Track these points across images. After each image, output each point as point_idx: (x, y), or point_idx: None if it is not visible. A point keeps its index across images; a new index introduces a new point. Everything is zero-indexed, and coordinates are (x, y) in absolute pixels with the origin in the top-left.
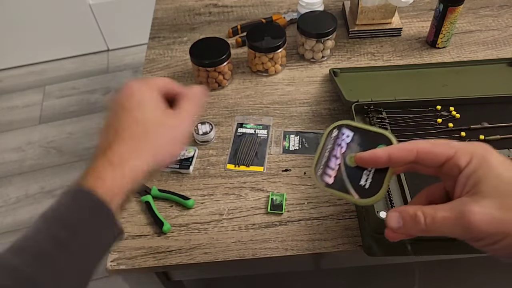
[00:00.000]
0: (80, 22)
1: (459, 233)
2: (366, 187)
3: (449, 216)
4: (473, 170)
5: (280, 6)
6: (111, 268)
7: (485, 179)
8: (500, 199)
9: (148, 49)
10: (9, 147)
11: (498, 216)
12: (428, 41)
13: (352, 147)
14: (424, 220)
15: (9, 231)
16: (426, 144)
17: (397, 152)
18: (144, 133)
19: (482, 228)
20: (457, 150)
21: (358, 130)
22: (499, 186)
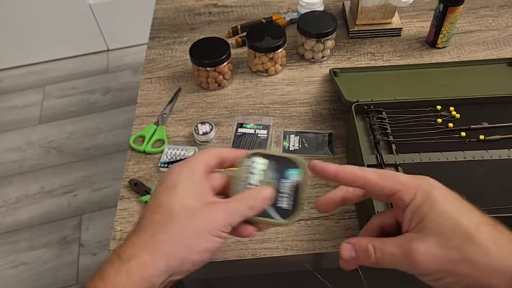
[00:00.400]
0: (80, 22)
1: (407, 268)
2: (285, 208)
3: (396, 252)
4: (417, 206)
5: (280, 6)
6: None
7: (429, 216)
8: (443, 238)
9: (148, 49)
10: (9, 147)
11: (441, 255)
12: (428, 41)
13: (267, 174)
14: (374, 254)
15: (9, 231)
16: (374, 176)
17: (344, 173)
18: (166, 222)
19: (426, 266)
20: (403, 185)
21: (270, 157)
22: (443, 224)
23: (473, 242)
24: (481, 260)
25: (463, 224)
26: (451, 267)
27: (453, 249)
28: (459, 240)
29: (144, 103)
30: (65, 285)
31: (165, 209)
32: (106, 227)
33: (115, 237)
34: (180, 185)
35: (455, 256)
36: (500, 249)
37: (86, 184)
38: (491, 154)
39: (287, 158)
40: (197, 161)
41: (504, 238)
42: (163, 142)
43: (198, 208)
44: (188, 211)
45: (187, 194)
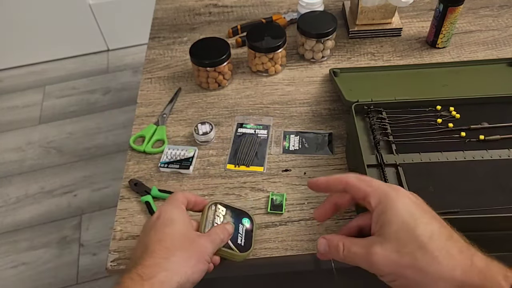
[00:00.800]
0: (80, 22)
1: (366, 268)
2: (242, 244)
3: (359, 252)
4: (380, 212)
5: (280, 6)
6: (111, 268)
7: (389, 223)
8: (399, 244)
9: (148, 49)
10: (9, 147)
11: (394, 259)
12: (428, 41)
13: (227, 218)
14: (342, 251)
15: (9, 231)
16: (353, 178)
17: (332, 179)
18: (175, 248)
19: (381, 268)
20: (372, 190)
21: (227, 206)
22: (400, 231)
23: (424, 251)
24: (430, 267)
25: (418, 233)
26: (402, 271)
27: (406, 255)
28: (412, 247)
29: (144, 103)
30: (65, 285)
31: (172, 237)
32: (106, 227)
33: (115, 237)
34: (177, 220)
35: (406, 262)
36: (450, 258)
37: (86, 184)
38: (491, 154)
39: (240, 209)
40: (179, 202)
41: (456, 248)
42: (163, 142)
43: (193, 238)
44: (189, 240)
45: (184, 227)
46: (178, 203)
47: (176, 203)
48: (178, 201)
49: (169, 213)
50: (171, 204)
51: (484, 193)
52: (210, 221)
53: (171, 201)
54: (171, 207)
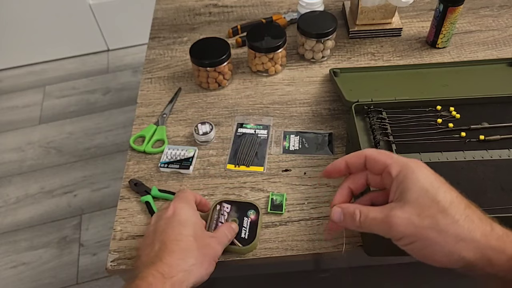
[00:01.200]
0: (80, 22)
1: (384, 232)
2: (245, 238)
3: (378, 216)
4: (401, 180)
5: (280, 6)
6: (111, 268)
7: (409, 189)
8: (419, 208)
9: (148, 49)
10: (9, 147)
11: (415, 221)
12: (428, 41)
13: (232, 215)
14: (358, 218)
15: (9, 231)
16: (372, 151)
17: (351, 157)
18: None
19: (401, 229)
20: (393, 161)
21: (233, 202)
22: (421, 197)
23: (445, 214)
24: (451, 229)
25: (439, 199)
26: (422, 232)
27: (427, 217)
28: (433, 211)
29: (144, 103)
30: (65, 285)
31: (189, 239)
32: (106, 227)
33: (115, 237)
34: (192, 222)
35: (427, 223)
36: (470, 223)
37: (86, 184)
38: (491, 154)
39: (246, 202)
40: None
41: (476, 215)
42: (163, 142)
43: (207, 242)
44: (203, 244)
45: (198, 229)
46: (192, 202)
47: (191, 202)
48: (192, 201)
49: (185, 213)
50: (186, 203)
51: (484, 193)
52: (215, 221)
53: (185, 199)
54: (187, 207)
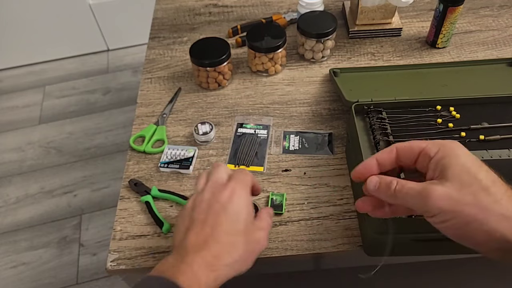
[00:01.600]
0: (80, 22)
1: (419, 205)
2: None
3: (415, 188)
4: (441, 157)
5: (280, 6)
6: (111, 268)
7: (451, 166)
8: (461, 184)
9: (148, 49)
10: (9, 147)
11: (455, 196)
12: (428, 41)
13: None
14: (394, 186)
15: (9, 231)
16: (403, 142)
17: (381, 154)
18: (238, 246)
19: (438, 203)
20: (428, 143)
21: None
22: (461, 174)
23: (488, 192)
24: (493, 207)
25: (480, 177)
26: (462, 208)
27: (468, 194)
28: (474, 188)
29: (144, 103)
30: (65, 285)
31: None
32: (106, 227)
33: (115, 237)
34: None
35: (469, 200)
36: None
37: (86, 184)
38: (491, 154)
39: None
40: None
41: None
42: (163, 142)
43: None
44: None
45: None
46: (249, 188)
47: (248, 188)
48: (249, 187)
49: (241, 202)
50: (245, 189)
51: None
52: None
53: (244, 184)
54: (244, 195)
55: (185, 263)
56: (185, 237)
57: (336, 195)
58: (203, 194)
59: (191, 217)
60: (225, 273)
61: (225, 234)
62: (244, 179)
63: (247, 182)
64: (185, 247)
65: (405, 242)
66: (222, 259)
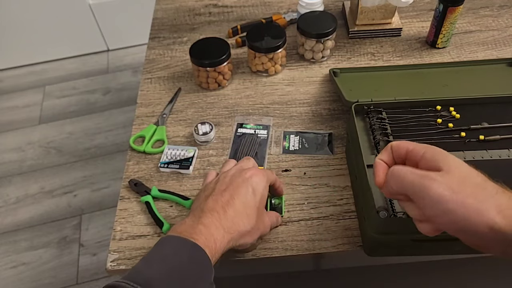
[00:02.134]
0: (80, 22)
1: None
2: None
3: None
4: (432, 154)
5: (280, 6)
6: (111, 268)
7: (445, 160)
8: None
9: (148, 49)
10: (9, 147)
11: (455, 188)
12: (428, 41)
13: None
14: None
15: (9, 231)
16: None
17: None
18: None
19: (440, 192)
20: (415, 145)
21: None
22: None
23: (483, 187)
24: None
25: (474, 175)
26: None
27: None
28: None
29: (144, 103)
30: (65, 285)
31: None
32: (106, 227)
33: (115, 237)
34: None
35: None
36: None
37: (86, 184)
38: (491, 154)
39: None
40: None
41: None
42: (163, 142)
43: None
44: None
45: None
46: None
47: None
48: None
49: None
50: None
51: None
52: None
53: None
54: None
55: (202, 224)
56: (204, 202)
57: (336, 195)
58: (228, 172)
59: (213, 188)
60: (237, 239)
61: (242, 204)
62: (267, 172)
63: (269, 176)
64: (202, 209)
65: (405, 242)
66: (236, 225)
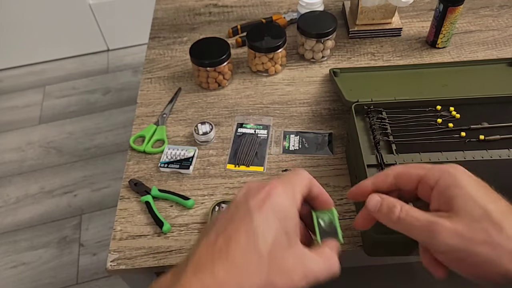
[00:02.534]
0: (80, 22)
1: (425, 238)
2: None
3: (421, 218)
4: (444, 187)
5: (280, 6)
6: (111, 268)
7: (457, 197)
8: (470, 219)
9: (148, 49)
10: (9, 147)
11: (466, 235)
12: (428, 41)
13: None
14: (398, 213)
15: (9, 231)
16: (400, 167)
17: (377, 178)
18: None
19: (447, 241)
20: (428, 170)
21: None
22: (470, 207)
23: (499, 228)
24: (506, 244)
25: (491, 209)
26: (474, 247)
27: (480, 231)
28: (486, 224)
29: (144, 103)
30: (65, 285)
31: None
32: (106, 227)
33: (115, 237)
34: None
35: (481, 237)
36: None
37: (86, 184)
38: (491, 154)
39: None
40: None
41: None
42: (163, 142)
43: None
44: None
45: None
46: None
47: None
48: (299, 192)
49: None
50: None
51: None
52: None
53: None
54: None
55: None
56: (195, 247)
57: (336, 195)
58: (236, 197)
59: (212, 225)
60: None
61: (242, 251)
62: (292, 178)
63: (295, 183)
64: (188, 260)
65: (405, 242)
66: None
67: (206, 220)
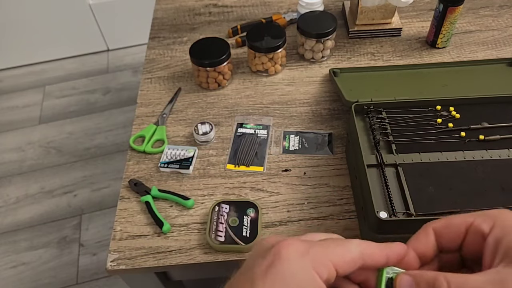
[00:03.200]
0: (80, 22)
1: None
2: (247, 236)
3: (486, 285)
4: (501, 235)
5: (280, 6)
6: (111, 268)
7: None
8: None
9: (148, 49)
10: (9, 147)
11: None
12: (428, 41)
13: (231, 214)
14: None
15: (9, 231)
16: (440, 221)
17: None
18: None
19: None
20: (477, 216)
21: (231, 202)
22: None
23: None
24: None
25: None
26: None
27: None
28: None
29: (144, 103)
30: (65, 285)
31: None
32: (106, 227)
33: (115, 237)
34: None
35: None
36: None
37: (86, 184)
38: (491, 154)
39: (244, 201)
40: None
41: None
42: (163, 142)
43: None
44: None
45: None
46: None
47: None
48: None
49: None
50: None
51: (484, 193)
52: (214, 222)
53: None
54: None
55: None
56: None
57: (336, 195)
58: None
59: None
60: None
61: None
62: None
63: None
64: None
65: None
66: None
67: (206, 220)
